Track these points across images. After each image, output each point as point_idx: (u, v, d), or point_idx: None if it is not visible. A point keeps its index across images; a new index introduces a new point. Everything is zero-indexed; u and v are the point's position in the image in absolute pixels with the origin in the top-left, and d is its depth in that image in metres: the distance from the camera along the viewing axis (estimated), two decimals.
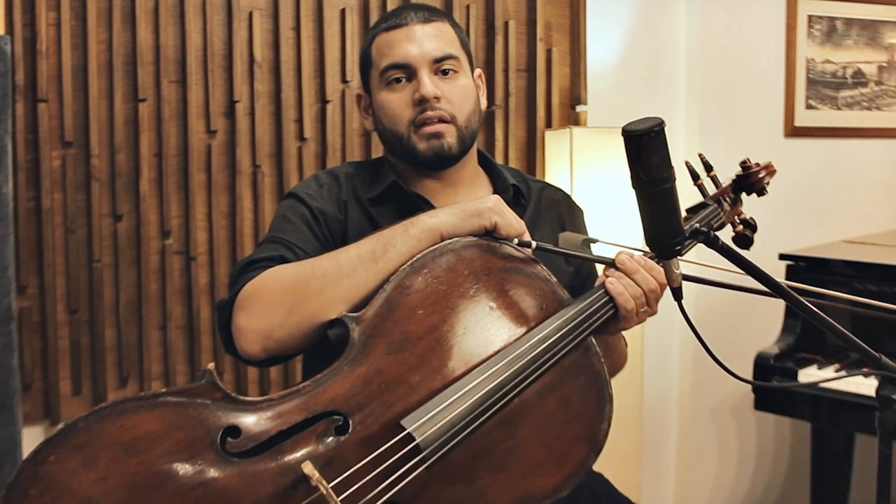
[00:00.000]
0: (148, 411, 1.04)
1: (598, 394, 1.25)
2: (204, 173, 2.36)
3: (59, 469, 0.99)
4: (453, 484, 1.14)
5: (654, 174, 1.01)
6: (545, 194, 1.57)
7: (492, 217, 1.25)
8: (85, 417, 1.02)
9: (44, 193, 2.22)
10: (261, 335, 1.21)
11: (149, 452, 1.02)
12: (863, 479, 2.67)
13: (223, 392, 1.08)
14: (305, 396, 1.11)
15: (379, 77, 1.44)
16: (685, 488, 3.02)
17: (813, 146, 3.00)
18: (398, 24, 1.43)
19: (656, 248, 1.08)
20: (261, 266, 1.28)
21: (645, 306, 1.28)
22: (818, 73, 3.00)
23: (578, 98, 2.70)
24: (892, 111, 3.14)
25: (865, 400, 2.19)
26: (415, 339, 1.17)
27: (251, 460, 1.06)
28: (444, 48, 1.43)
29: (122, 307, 2.31)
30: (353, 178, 1.48)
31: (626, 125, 1.00)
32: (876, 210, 3.14)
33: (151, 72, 2.30)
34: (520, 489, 1.18)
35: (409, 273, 1.20)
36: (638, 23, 2.84)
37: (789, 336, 2.46)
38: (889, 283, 2.34)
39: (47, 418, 2.29)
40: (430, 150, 1.41)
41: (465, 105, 1.43)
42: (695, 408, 3.01)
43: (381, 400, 1.13)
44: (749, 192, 1.53)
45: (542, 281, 1.28)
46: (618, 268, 1.27)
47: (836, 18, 3.00)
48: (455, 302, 1.20)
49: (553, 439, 1.21)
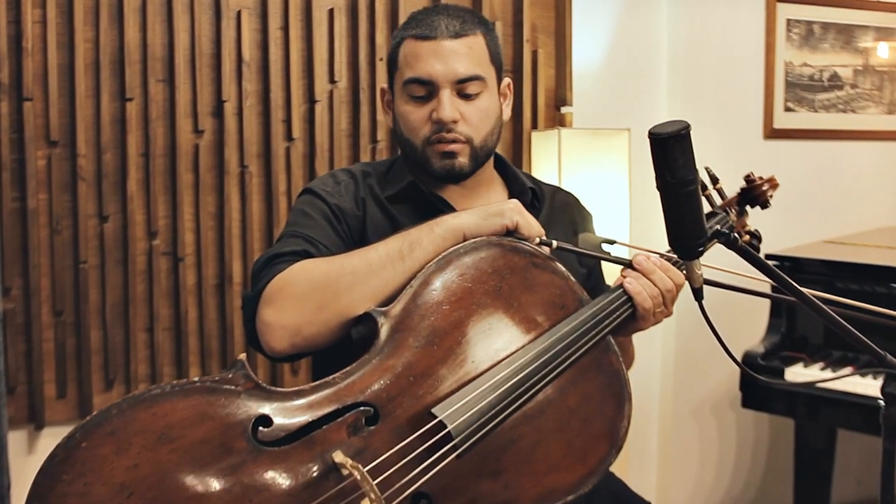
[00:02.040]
0: (181, 399, 1.05)
1: (618, 392, 1.28)
2: (191, 173, 2.34)
3: (92, 455, 1.00)
4: (481, 477, 1.16)
5: (679, 176, 1.02)
6: (557, 198, 1.60)
7: (513, 217, 1.28)
8: (118, 404, 1.03)
9: (29, 193, 2.19)
10: (290, 331, 1.21)
11: (181, 440, 1.03)
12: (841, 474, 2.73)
13: (255, 382, 1.09)
14: (336, 388, 1.12)
15: (402, 85, 1.43)
16: (667, 486, 3.05)
17: (792, 148, 3.05)
18: (427, 35, 1.40)
19: (680, 248, 1.09)
20: (286, 260, 1.27)
21: (661, 306, 1.30)
22: (796, 76, 3.06)
23: (564, 99, 2.72)
24: (867, 114, 3.21)
25: (853, 398, 2.24)
26: (441, 334, 1.19)
27: (282, 449, 1.07)
28: (471, 69, 1.40)
29: (108, 309, 2.29)
30: (369, 177, 1.49)
31: (652, 128, 1.01)
32: (854, 210, 3.21)
33: (139, 71, 2.28)
34: (543, 484, 1.19)
35: (435, 270, 1.22)
36: (621, 26, 2.87)
37: (774, 335, 2.51)
38: (870, 282, 2.40)
39: (32, 422, 2.26)
40: (443, 168, 1.42)
41: (483, 127, 1.43)
42: (676, 407, 3.05)
43: (410, 392, 1.14)
44: (753, 204, 1.57)
45: (563, 279, 1.30)
46: (635, 268, 1.30)
47: (813, 22, 3.06)
48: (479, 298, 1.22)
49: (575, 436, 1.23)
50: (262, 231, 2.42)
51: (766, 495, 3.22)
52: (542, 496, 1.19)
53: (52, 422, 2.27)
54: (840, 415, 2.30)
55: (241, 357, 1.10)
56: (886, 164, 3.28)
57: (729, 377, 3.04)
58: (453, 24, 1.41)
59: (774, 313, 2.54)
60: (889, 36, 3.24)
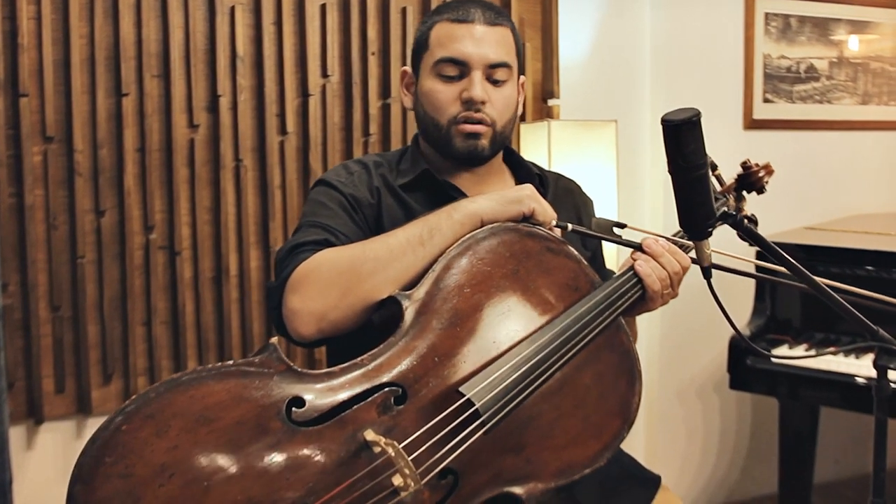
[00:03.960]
0: (217, 382, 1.07)
1: (630, 370, 1.33)
2: (187, 168, 2.36)
3: (133, 438, 1.02)
4: (504, 452, 1.20)
5: (691, 161, 1.07)
6: (560, 184, 1.65)
7: (530, 204, 1.32)
8: (156, 387, 1.05)
9: (26, 189, 2.19)
10: (315, 317, 1.24)
11: (218, 421, 1.06)
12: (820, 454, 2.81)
13: (287, 365, 1.12)
14: (365, 369, 1.16)
15: (432, 64, 1.47)
16: (654, 468, 3.11)
17: (770, 138, 3.13)
18: (464, 18, 1.45)
19: (691, 229, 1.14)
20: (308, 249, 1.31)
21: (669, 288, 1.36)
22: (774, 68, 3.14)
23: (551, 92, 2.77)
24: (843, 104, 3.30)
25: (836, 377, 2.33)
26: (464, 316, 1.23)
27: (315, 429, 1.10)
28: (502, 55, 1.46)
29: (105, 303, 2.30)
30: (381, 167, 1.52)
31: (665, 115, 1.05)
32: (832, 198, 3.30)
33: (134, 66, 2.29)
34: (562, 458, 1.24)
35: (455, 255, 1.26)
36: (606, 20, 2.93)
37: (759, 318, 2.58)
38: (850, 265, 2.48)
39: (31, 417, 2.27)
40: (466, 148, 1.46)
41: (506, 114, 1.49)
42: (662, 391, 3.12)
43: (435, 372, 1.18)
44: (749, 190, 1.63)
45: (576, 263, 1.35)
46: (645, 251, 1.35)
47: (790, 16, 3.14)
48: (498, 281, 1.27)
49: (591, 412, 1.28)
50: (257, 224, 2.44)
51: (751, 474, 3.30)
52: (561, 470, 1.24)
53: (52, 416, 2.28)
54: (824, 393, 2.38)
55: (273, 340, 1.13)
56: (861, 153, 3.38)
57: (712, 361, 3.12)
58: (489, 14, 1.46)
59: (759, 297, 2.61)
60: (863, 29, 3.33)
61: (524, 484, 1.21)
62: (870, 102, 3.36)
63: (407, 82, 1.57)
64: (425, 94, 1.49)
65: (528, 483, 1.21)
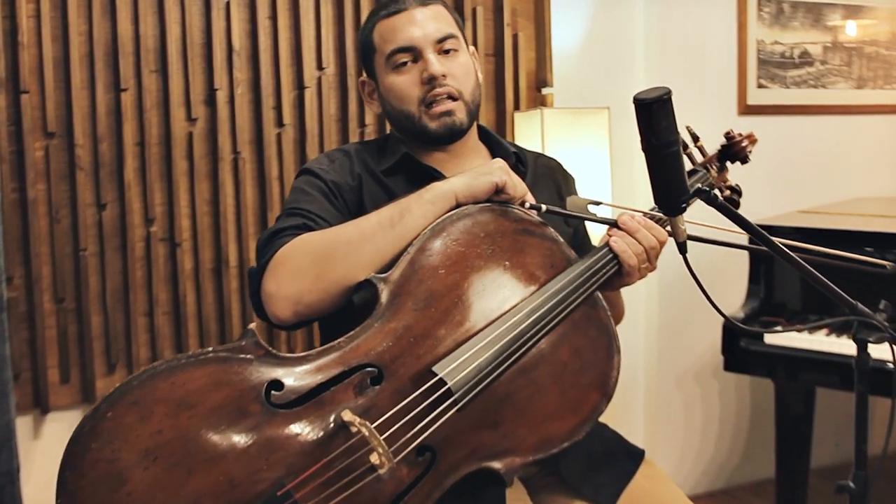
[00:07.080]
0: (197, 368, 1.11)
1: (608, 344, 1.35)
2: (186, 161, 2.40)
3: (118, 424, 1.07)
4: (481, 428, 1.23)
5: (663, 138, 1.10)
6: (540, 162, 1.68)
7: (501, 176, 1.35)
8: (138, 375, 1.10)
9: (28, 184, 2.24)
10: (291, 300, 1.28)
11: (200, 406, 1.09)
12: (820, 437, 2.83)
13: (265, 349, 1.16)
14: (341, 351, 1.19)
15: (385, 62, 1.51)
16: (653, 452, 3.14)
17: (765, 123, 3.14)
18: (398, 9, 1.50)
19: (665, 205, 1.17)
20: (287, 235, 1.34)
21: (646, 262, 1.38)
22: (768, 53, 3.15)
23: (545, 81, 2.80)
24: (837, 89, 3.31)
25: (830, 357, 2.34)
26: (438, 296, 1.25)
27: (294, 411, 1.14)
28: (444, 28, 1.51)
29: (108, 295, 2.34)
30: (363, 153, 1.56)
31: (637, 94, 1.08)
32: (827, 182, 3.31)
33: (132, 62, 2.33)
34: (540, 433, 1.27)
35: (430, 236, 1.29)
36: (599, 8, 2.95)
37: (753, 301, 2.60)
38: (844, 248, 2.49)
39: (37, 407, 2.32)
40: (443, 126, 1.49)
41: (468, 80, 1.53)
42: (660, 376, 3.15)
43: (411, 352, 1.21)
44: (733, 160, 1.65)
45: (552, 241, 1.38)
46: (620, 227, 1.38)
47: (783, 1, 3.16)
48: (473, 262, 1.29)
49: (568, 386, 1.30)
50: (256, 215, 2.49)
51: (750, 458, 3.32)
52: (539, 444, 1.27)
53: (57, 406, 2.33)
54: (818, 375, 2.39)
55: (252, 326, 1.16)
56: (857, 138, 3.39)
57: (710, 347, 3.14)
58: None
59: (753, 280, 2.63)
60: (856, 14, 3.34)
61: (502, 458, 1.24)
62: (865, 86, 3.37)
63: (368, 91, 1.61)
64: (388, 91, 1.53)
65: (506, 457, 1.24)
